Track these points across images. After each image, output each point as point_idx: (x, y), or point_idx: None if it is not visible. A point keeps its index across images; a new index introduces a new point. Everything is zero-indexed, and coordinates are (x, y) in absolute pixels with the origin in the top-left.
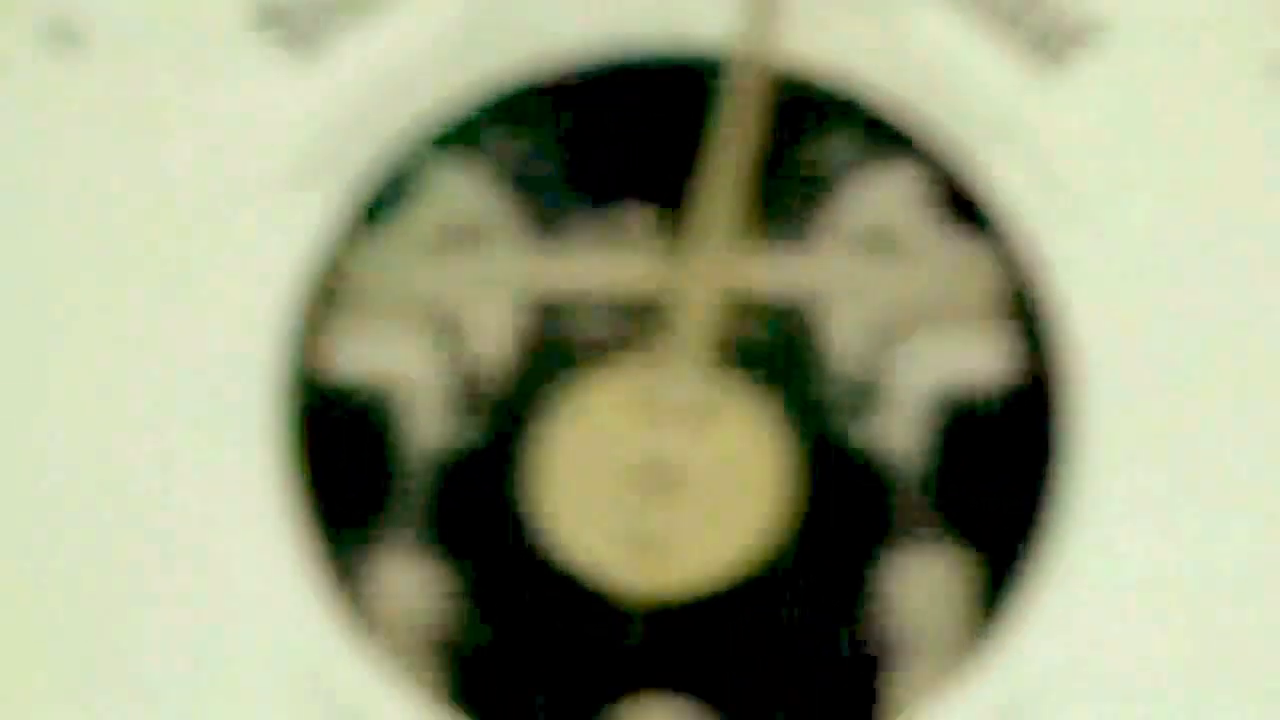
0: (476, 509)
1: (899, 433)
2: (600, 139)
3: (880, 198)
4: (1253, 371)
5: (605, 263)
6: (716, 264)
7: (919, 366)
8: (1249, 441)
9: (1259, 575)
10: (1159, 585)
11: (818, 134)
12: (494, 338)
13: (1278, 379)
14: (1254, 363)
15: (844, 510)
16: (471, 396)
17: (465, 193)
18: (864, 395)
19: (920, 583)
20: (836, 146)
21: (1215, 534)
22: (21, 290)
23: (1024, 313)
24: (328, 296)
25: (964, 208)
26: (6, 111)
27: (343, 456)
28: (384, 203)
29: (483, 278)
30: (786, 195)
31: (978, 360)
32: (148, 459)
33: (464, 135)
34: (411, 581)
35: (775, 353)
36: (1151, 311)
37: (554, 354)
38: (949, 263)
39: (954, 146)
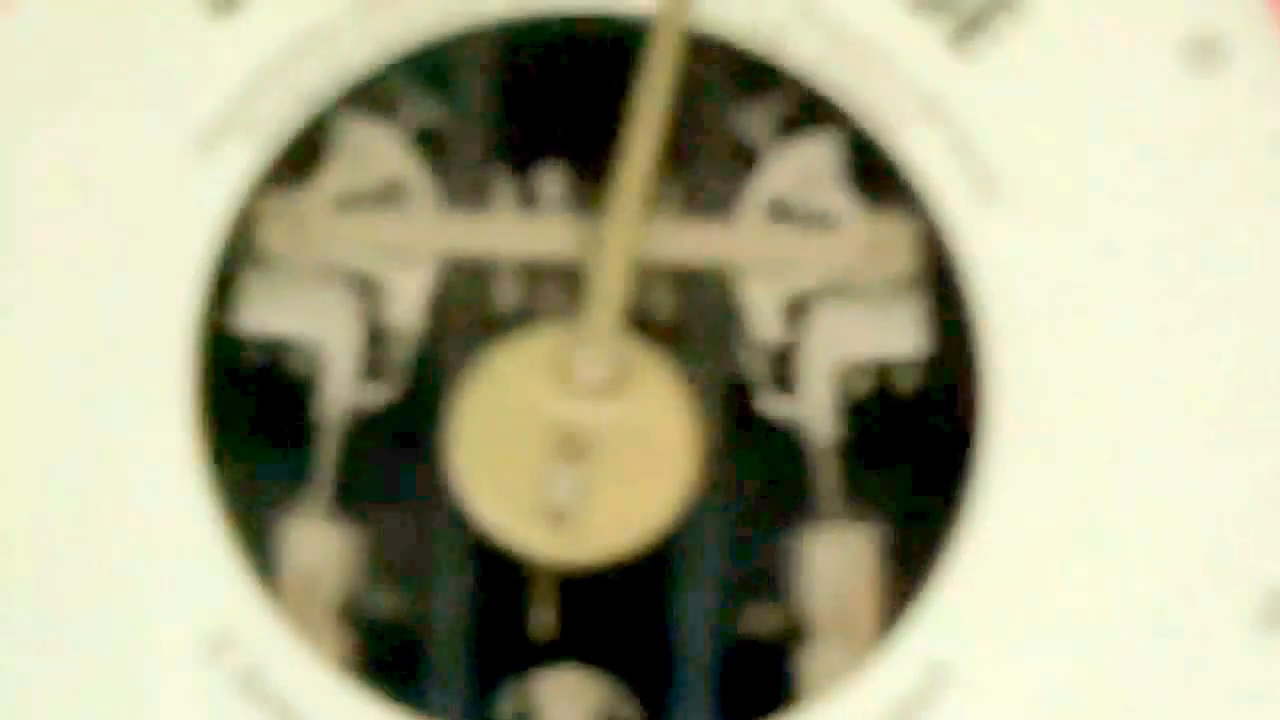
0: (388, 473)
1: (813, 405)
2: (519, 101)
3: (800, 169)
4: (1167, 345)
5: (521, 227)
6: (633, 231)
7: (835, 339)
8: (1160, 416)
9: (1167, 541)
10: (1069, 556)
11: (739, 103)
12: (409, 300)
13: (1192, 353)
14: (1169, 337)
15: (758, 482)
16: (384, 359)
17: (382, 152)
18: (779, 366)
19: (833, 556)
20: (758, 116)
21: (1124, 507)
22: None
23: (940, 288)
24: (242, 256)
25: (884, 181)
26: None
27: (255, 417)
28: (300, 161)
29: (398, 239)
30: (706, 163)
31: (894, 334)
32: (58, 416)
33: (381, 95)
34: (322, 543)
35: (691, 322)
36: (1068, 287)
37: (469, 318)
38: (867, 236)
39: (875, 119)
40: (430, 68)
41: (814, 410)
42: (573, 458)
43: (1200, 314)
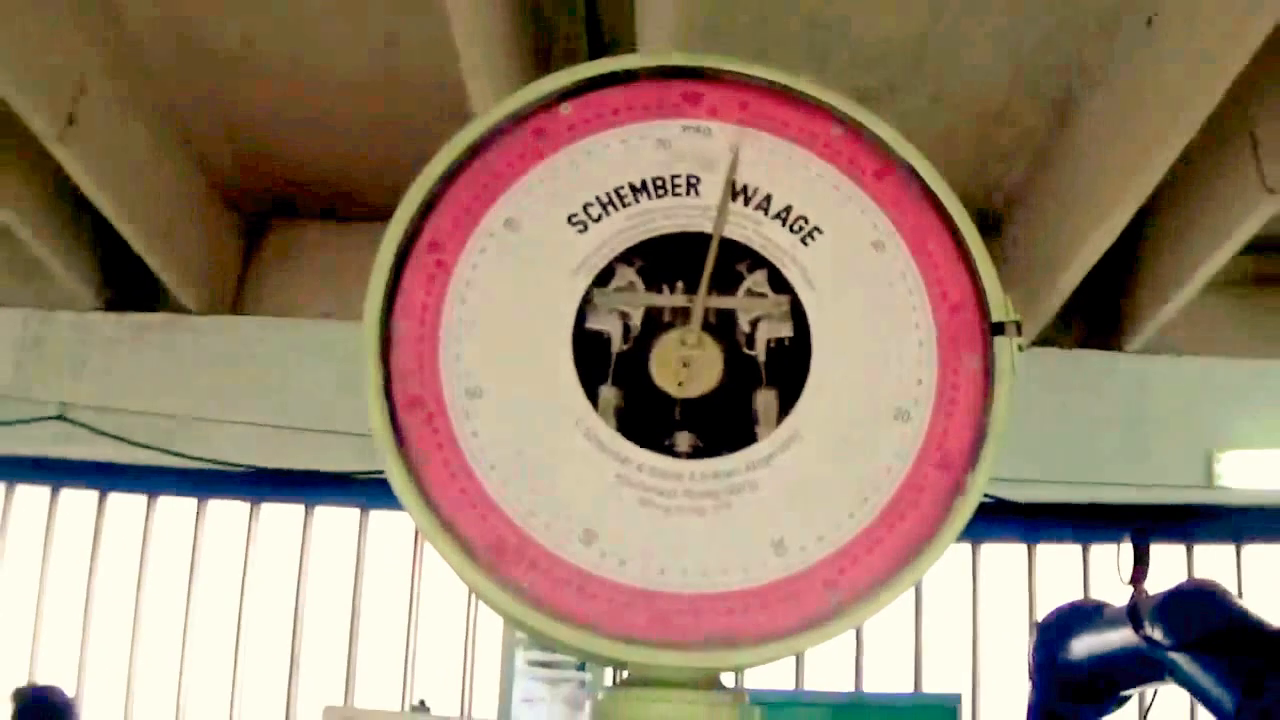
0: (629, 372)
1: (759, 350)
2: (670, 261)
3: (756, 281)
4: (852, 324)
5: (670, 297)
6: (703, 299)
7: (766, 331)
8: (848, 342)
9: (864, 384)
10: (829, 398)
11: (740, 263)
12: (636, 319)
13: (854, 329)
14: (849, 324)
15: (744, 374)
16: (629, 336)
17: (627, 276)
18: (751, 338)
19: (765, 398)
20: (744, 266)
21: (845, 372)
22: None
23: (797, 314)
24: (586, 305)
25: (780, 284)
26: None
27: (593, 352)
28: (605, 280)
29: (631, 303)
30: (729, 280)
31: (784, 327)
32: (528, 364)
33: (625, 259)
34: (610, 394)
35: (723, 326)
36: (832, 311)
37: (655, 324)
38: (775, 301)
39: (779, 265)
40: (644, 248)
41: (759, 351)
42: (686, 367)
43: (859, 319)
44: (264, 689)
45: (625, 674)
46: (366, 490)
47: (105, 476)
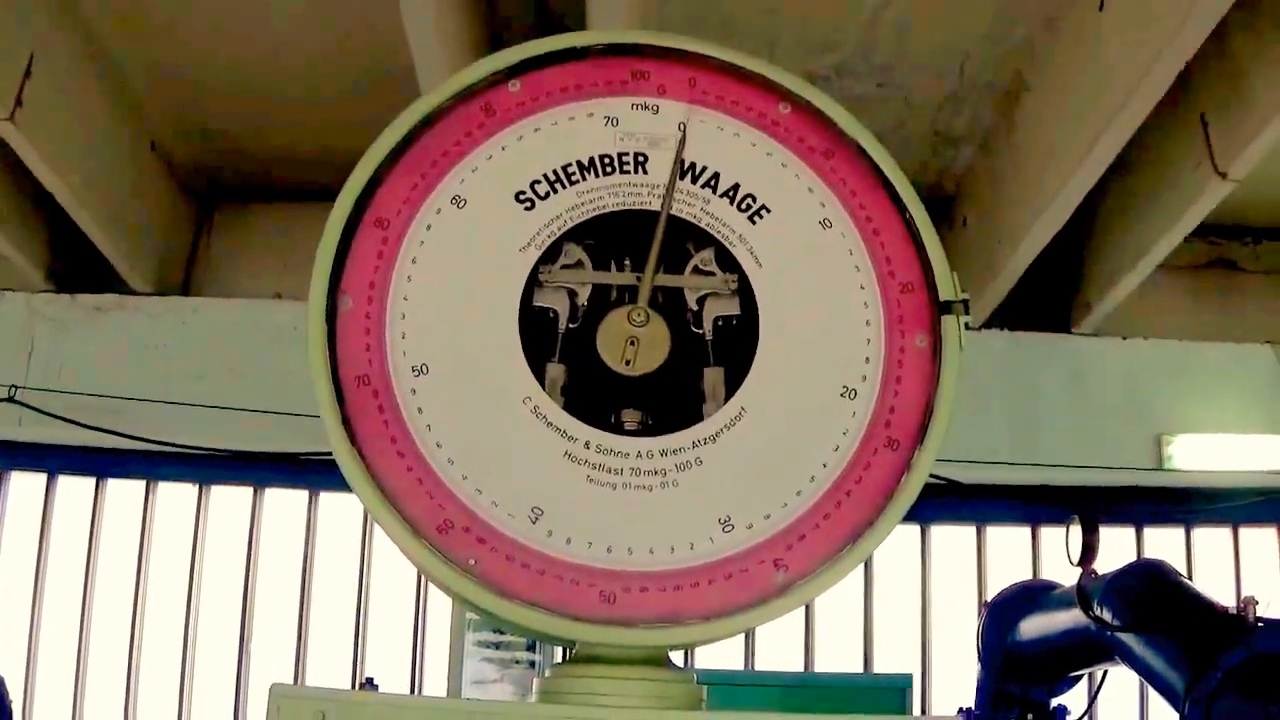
0: (578, 348)
1: (706, 328)
2: (618, 238)
3: (703, 259)
4: (791, 303)
5: (618, 275)
6: (651, 276)
7: (714, 309)
8: (795, 313)
9: (817, 360)
10: (785, 369)
11: (686, 238)
12: (584, 297)
13: (797, 304)
14: (791, 303)
15: (688, 350)
16: (577, 315)
17: (575, 253)
18: (698, 316)
19: (713, 374)
20: (692, 242)
21: (797, 340)
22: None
23: (745, 291)
24: (534, 284)
25: (726, 260)
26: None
27: (541, 329)
28: (551, 257)
29: (579, 279)
30: (675, 256)
31: (731, 305)
32: (486, 330)
33: (575, 233)
34: (557, 371)
35: (670, 303)
36: (777, 287)
37: (603, 302)
38: (723, 278)
39: (726, 242)
40: (592, 226)
41: (707, 329)
42: (634, 345)
43: (807, 297)
44: (214, 669)
45: (573, 651)
46: (316, 471)
47: (55, 458)
